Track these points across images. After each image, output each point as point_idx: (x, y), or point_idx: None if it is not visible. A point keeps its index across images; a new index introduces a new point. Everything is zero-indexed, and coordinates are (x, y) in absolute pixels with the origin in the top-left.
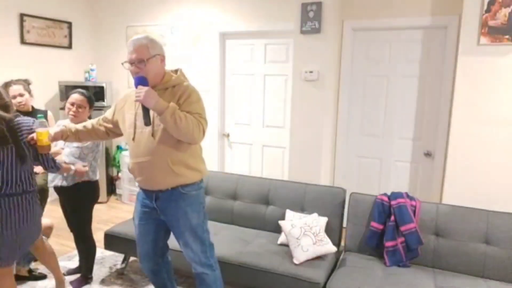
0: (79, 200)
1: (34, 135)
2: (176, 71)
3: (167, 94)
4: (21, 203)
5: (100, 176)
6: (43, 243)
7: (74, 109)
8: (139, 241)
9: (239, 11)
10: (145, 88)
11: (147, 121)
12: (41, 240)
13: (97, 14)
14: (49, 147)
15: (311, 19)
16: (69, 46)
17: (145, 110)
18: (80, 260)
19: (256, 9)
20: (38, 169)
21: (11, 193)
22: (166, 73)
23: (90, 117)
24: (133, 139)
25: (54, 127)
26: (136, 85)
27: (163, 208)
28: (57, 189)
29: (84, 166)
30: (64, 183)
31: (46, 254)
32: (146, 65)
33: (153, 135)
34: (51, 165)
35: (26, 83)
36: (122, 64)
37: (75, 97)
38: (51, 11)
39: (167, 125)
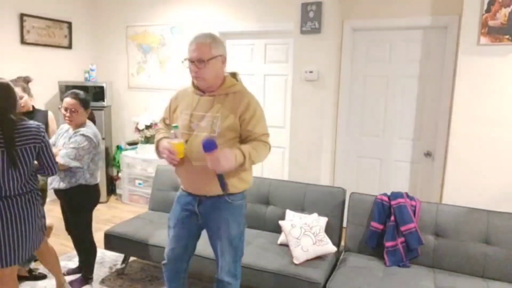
0: (77, 204)
1: (169, 147)
2: (234, 74)
3: (228, 101)
4: (17, 205)
5: (100, 176)
6: (46, 244)
7: (68, 114)
8: (172, 243)
9: (239, 11)
10: (220, 155)
11: (224, 188)
12: (45, 241)
13: (97, 14)
14: (182, 160)
15: (311, 19)
16: (69, 46)
17: (221, 179)
18: (80, 261)
19: (256, 9)
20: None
21: (5, 195)
22: (226, 77)
23: (92, 119)
24: (186, 141)
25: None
26: (206, 150)
27: (205, 214)
28: (56, 192)
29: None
30: (62, 185)
31: (48, 255)
32: (205, 65)
33: None
34: (55, 171)
35: (26, 81)
36: (182, 62)
37: (67, 101)
38: (51, 11)
39: (245, 169)
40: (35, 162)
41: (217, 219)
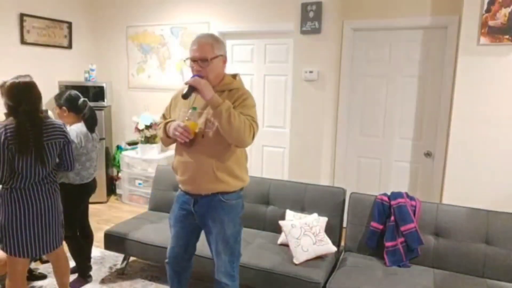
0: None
1: (184, 125)
2: (235, 76)
3: (223, 97)
4: (38, 194)
5: (100, 176)
6: (64, 253)
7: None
8: (172, 242)
9: (239, 11)
10: (204, 80)
11: (187, 95)
12: (62, 250)
13: (97, 14)
14: (191, 142)
15: (311, 19)
16: (69, 46)
17: (191, 89)
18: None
19: (256, 9)
20: None
21: (24, 186)
22: (226, 76)
23: (89, 118)
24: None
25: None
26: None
27: (201, 214)
28: None
29: None
30: None
31: (64, 264)
32: (209, 64)
33: (203, 136)
34: (74, 167)
35: None
36: (184, 61)
37: None
38: (51, 11)
39: (220, 120)
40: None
41: (212, 219)
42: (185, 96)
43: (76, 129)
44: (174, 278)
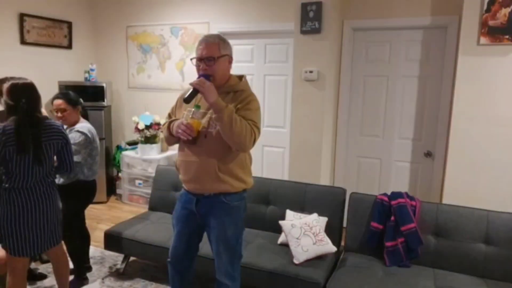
0: (74, 197)
1: (187, 123)
2: (241, 77)
3: (228, 98)
4: (36, 194)
5: (100, 176)
6: (64, 251)
7: (59, 114)
8: (174, 241)
9: (239, 11)
10: (209, 83)
11: (189, 99)
12: (63, 250)
13: (97, 14)
14: (194, 140)
15: (311, 19)
16: (69, 46)
17: (194, 92)
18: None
19: (256, 9)
20: None
21: (22, 186)
22: (231, 77)
23: (86, 117)
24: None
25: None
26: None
27: (202, 214)
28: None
29: None
30: (61, 181)
31: (63, 263)
32: (215, 63)
33: (206, 136)
34: (73, 168)
35: None
36: (191, 60)
37: (54, 102)
38: (51, 11)
39: (222, 125)
40: (54, 158)
41: (213, 219)
42: (187, 100)
43: (86, 126)
44: (175, 278)
